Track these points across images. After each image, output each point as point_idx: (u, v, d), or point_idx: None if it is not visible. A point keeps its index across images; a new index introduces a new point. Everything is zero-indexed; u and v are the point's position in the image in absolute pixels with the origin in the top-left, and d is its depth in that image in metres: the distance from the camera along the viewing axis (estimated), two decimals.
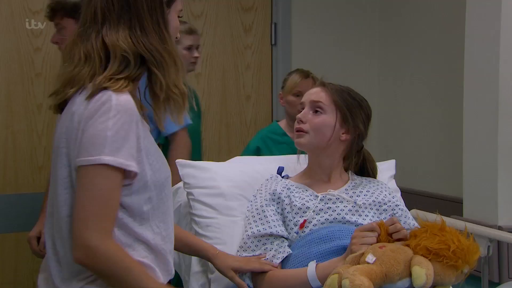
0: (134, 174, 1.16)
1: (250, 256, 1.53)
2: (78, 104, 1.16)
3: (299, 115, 1.61)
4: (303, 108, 1.64)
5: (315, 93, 1.63)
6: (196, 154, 2.34)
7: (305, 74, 2.42)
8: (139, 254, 1.20)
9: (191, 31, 2.42)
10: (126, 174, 1.15)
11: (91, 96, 1.15)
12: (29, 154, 2.59)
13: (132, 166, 1.15)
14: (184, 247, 1.53)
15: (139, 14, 1.20)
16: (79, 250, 1.13)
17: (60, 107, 1.22)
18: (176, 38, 1.30)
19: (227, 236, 1.61)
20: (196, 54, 2.43)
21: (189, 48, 2.40)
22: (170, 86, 1.20)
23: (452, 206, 2.36)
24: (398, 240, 1.41)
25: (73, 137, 1.16)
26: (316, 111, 1.60)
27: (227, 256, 1.52)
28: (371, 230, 1.40)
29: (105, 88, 1.15)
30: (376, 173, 1.73)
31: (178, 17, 1.29)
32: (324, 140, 1.60)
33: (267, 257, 1.51)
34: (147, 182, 1.19)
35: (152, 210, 1.22)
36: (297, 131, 1.61)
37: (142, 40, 1.19)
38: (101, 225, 1.13)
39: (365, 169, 1.72)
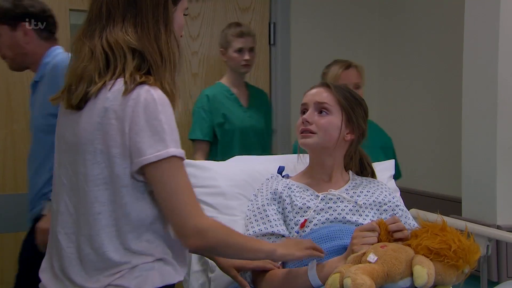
0: None
1: None
2: (112, 100, 1.16)
3: (304, 116, 1.60)
4: (305, 109, 1.63)
5: (319, 94, 1.62)
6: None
7: (347, 64, 2.36)
8: (161, 251, 1.22)
9: (241, 34, 2.47)
10: None
11: (127, 92, 1.15)
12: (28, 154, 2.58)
13: (184, 155, 1.19)
14: None
15: (141, 11, 1.21)
16: (192, 237, 1.16)
17: (79, 104, 1.21)
18: (181, 35, 1.31)
19: None
20: (246, 57, 2.48)
21: (240, 51, 2.46)
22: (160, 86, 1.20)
23: (451, 205, 2.37)
24: (399, 240, 1.41)
25: (114, 135, 1.15)
26: (321, 112, 1.60)
27: None
28: (371, 230, 1.40)
29: (141, 83, 1.16)
30: (373, 167, 1.74)
31: (184, 15, 1.30)
32: (332, 141, 1.60)
33: None
34: None
35: None
36: (303, 132, 1.60)
37: (141, 37, 1.20)
38: (197, 209, 1.18)
39: (363, 165, 1.72)
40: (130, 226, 1.19)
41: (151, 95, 1.15)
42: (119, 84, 1.17)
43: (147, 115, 1.14)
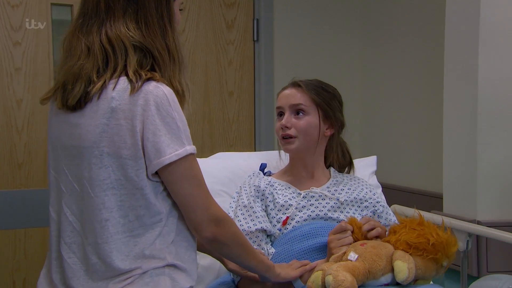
0: None
1: None
2: (118, 100, 1.11)
3: (282, 122, 1.58)
4: (281, 112, 1.61)
5: (293, 96, 1.60)
6: None
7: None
8: (174, 256, 1.19)
9: None
10: None
11: (135, 90, 1.10)
12: (9, 151, 2.54)
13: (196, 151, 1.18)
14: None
15: (144, 7, 1.16)
16: (210, 226, 1.16)
17: (76, 105, 1.15)
18: None
19: None
20: None
21: None
22: (168, 84, 1.16)
23: (432, 201, 2.39)
24: (377, 237, 1.42)
25: (124, 136, 1.11)
26: (297, 113, 1.59)
27: None
28: (343, 230, 1.41)
29: (147, 80, 1.11)
30: (351, 153, 1.74)
31: (180, 10, 1.26)
32: (313, 141, 1.60)
33: None
34: None
35: None
36: (284, 137, 1.59)
37: (146, 33, 1.15)
38: (213, 200, 1.19)
39: (343, 152, 1.71)
40: (143, 229, 1.15)
41: (161, 91, 1.11)
42: (123, 82, 1.11)
43: (160, 114, 1.10)
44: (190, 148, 1.14)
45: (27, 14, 2.52)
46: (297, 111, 1.58)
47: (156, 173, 1.14)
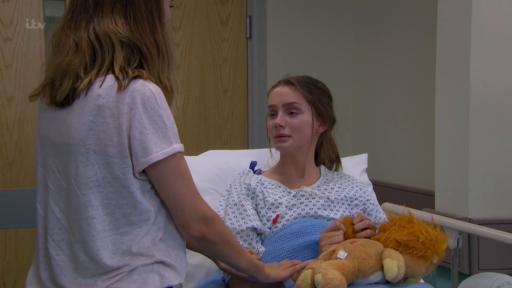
0: None
1: None
2: (105, 97, 1.11)
3: (277, 121, 1.56)
4: (274, 111, 1.60)
5: (286, 95, 1.58)
6: None
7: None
8: (162, 253, 1.18)
9: None
10: None
11: (122, 88, 1.10)
12: None
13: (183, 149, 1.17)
14: (186, 243, 1.45)
15: (133, 2, 1.15)
16: (198, 225, 1.16)
17: (64, 101, 1.14)
18: None
19: None
20: None
21: None
22: (156, 80, 1.16)
23: (424, 199, 2.39)
24: (366, 237, 1.42)
25: (110, 133, 1.10)
26: (291, 112, 1.57)
27: None
28: (336, 229, 1.41)
29: (134, 78, 1.11)
30: (337, 148, 1.72)
31: (170, 6, 1.25)
32: (306, 139, 1.59)
33: None
34: None
35: None
36: (278, 136, 1.57)
37: (135, 29, 1.14)
38: (201, 198, 1.18)
39: (331, 147, 1.69)
40: (130, 227, 1.14)
41: (148, 89, 1.10)
42: (110, 80, 1.11)
43: (147, 112, 1.10)
44: (178, 146, 1.14)
45: (18, 9, 2.50)
46: (291, 109, 1.57)
47: (144, 171, 1.14)
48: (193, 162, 1.76)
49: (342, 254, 1.31)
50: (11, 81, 2.52)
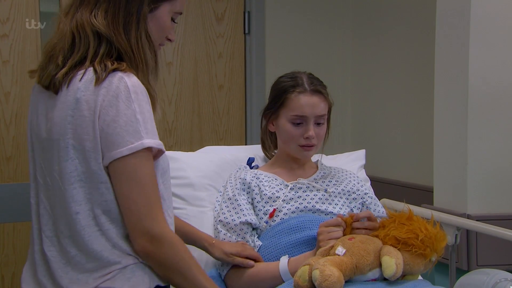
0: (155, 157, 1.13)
1: None
2: (83, 91, 1.09)
3: (310, 133, 1.53)
4: (302, 121, 1.55)
5: (318, 106, 1.55)
6: None
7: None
8: None
9: None
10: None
11: (100, 81, 1.08)
12: None
13: (163, 146, 1.12)
14: (181, 236, 1.42)
15: (116, 1, 1.15)
16: (141, 239, 1.08)
17: (49, 87, 1.15)
18: (170, 39, 1.25)
19: (196, 226, 1.59)
20: None
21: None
22: None
23: (423, 195, 2.39)
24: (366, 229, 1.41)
25: (86, 127, 1.09)
26: (318, 124, 1.57)
27: (223, 244, 1.48)
28: (337, 225, 1.40)
29: (113, 71, 1.09)
30: None
31: (172, 20, 1.24)
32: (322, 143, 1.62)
33: None
34: (160, 165, 1.16)
35: (166, 196, 1.18)
36: (307, 146, 1.56)
37: (111, 25, 1.14)
38: (156, 212, 1.09)
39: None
40: (113, 224, 1.12)
41: (124, 82, 1.08)
42: (90, 73, 1.10)
43: (118, 105, 1.07)
44: (150, 142, 1.09)
45: (14, 6, 2.49)
46: (320, 120, 1.57)
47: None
48: (189, 158, 1.77)
49: (340, 250, 1.30)
50: (8, 77, 2.52)
